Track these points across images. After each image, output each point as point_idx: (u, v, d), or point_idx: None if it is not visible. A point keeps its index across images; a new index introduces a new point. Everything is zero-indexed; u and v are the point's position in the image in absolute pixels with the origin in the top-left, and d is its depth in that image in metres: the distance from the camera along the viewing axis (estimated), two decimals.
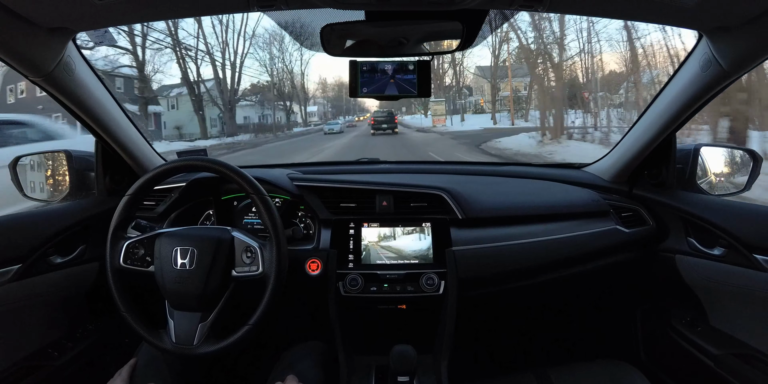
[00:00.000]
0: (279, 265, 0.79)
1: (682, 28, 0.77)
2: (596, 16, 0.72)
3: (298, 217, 1.13)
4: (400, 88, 0.86)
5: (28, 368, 0.91)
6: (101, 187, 1.10)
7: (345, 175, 1.21)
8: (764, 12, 0.65)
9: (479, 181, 1.24)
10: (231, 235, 0.81)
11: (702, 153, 1.08)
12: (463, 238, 1.02)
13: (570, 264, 1.07)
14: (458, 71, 25.52)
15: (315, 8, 0.68)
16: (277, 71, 25.13)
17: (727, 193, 1.07)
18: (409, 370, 0.84)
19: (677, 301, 1.10)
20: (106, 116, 0.98)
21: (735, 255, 0.90)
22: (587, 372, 0.91)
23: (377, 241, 1.03)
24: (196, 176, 1.07)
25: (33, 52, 0.73)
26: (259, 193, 0.82)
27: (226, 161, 0.85)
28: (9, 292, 0.87)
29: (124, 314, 0.80)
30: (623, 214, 1.13)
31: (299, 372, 0.85)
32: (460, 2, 0.64)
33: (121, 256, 0.81)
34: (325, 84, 40.82)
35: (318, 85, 42.56)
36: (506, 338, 1.40)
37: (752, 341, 0.88)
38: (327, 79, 44.26)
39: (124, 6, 0.65)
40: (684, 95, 0.91)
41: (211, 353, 0.77)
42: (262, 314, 0.78)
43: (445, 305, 1.00)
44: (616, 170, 1.19)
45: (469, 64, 27.25)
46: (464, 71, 26.16)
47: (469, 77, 27.19)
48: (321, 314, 1.04)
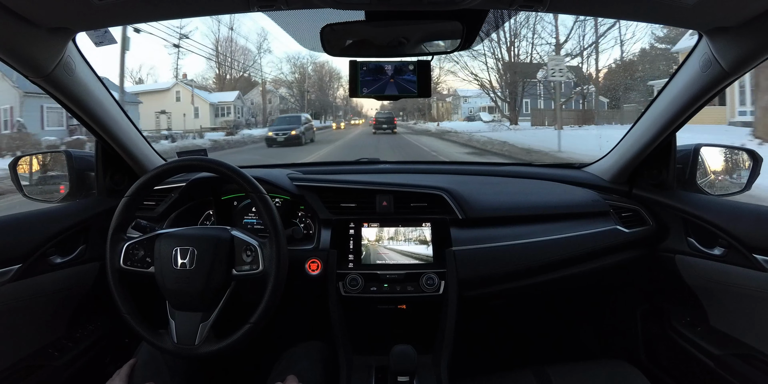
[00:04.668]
0: (279, 263, 0.79)
1: (682, 28, 0.77)
2: (596, 16, 0.72)
3: (298, 217, 1.13)
4: (400, 88, 0.86)
5: (28, 368, 0.91)
6: (101, 187, 1.10)
7: (345, 175, 1.21)
8: (764, 12, 0.65)
9: (479, 181, 1.24)
10: (230, 234, 0.81)
11: (702, 153, 1.08)
12: (463, 238, 1.02)
13: (570, 264, 1.07)
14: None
15: (315, 8, 0.68)
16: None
17: (727, 193, 1.07)
18: (409, 370, 0.83)
19: (677, 301, 1.10)
20: (105, 116, 0.98)
21: (735, 255, 0.90)
22: (587, 372, 0.91)
23: (377, 241, 1.03)
24: (196, 176, 1.07)
25: (33, 52, 0.73)
26: (258, 192, 0.82)
27: (226, 161, 0.85)
28: (9, 292, 0.87)
29: (125, 315, 0.80)
30: (623, 214, 1.13)
31: (299, 372, 0.85)
32: (460, 2, 0.64)
33: (121, 257, 0.81)
34: (296, 65, 30.77)
35: (283, 64, 34.36)
36: (506, 338, 1.40)
37: (752, 341, 0.88)
38: (302, 58, 30.94)
39: (124, 6, 0.65)
40: (684, 95, 0.91)
41: (213, 353, 0.77)
42: (263, 313, 0.78)
43: (445, 305, 1.00)
44: (616, 170, 1.19)
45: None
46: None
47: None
48: (321, 314, 1.04)
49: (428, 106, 30.60)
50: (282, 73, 32.51)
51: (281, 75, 31.88)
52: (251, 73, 30.53)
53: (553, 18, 17.52)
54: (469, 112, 28.77)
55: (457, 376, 0.98)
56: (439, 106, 31.68)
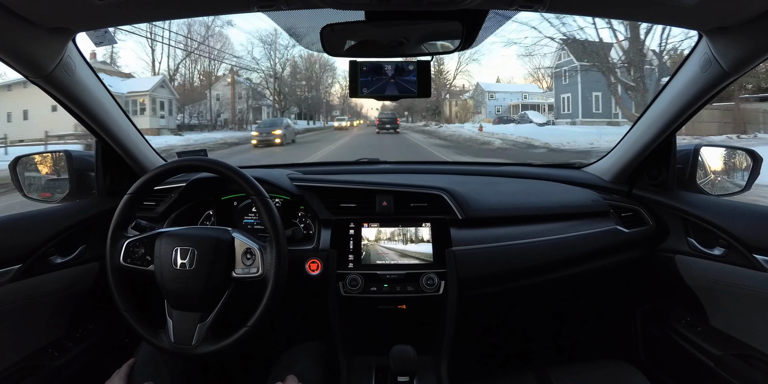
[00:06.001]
0: (279, 268, 0.79)
1: (682, 28, 0.77)
2: (596, 16, 0.72)
3: (298, 217, 1.13)
4: (400, 88, 0.86)
5: (28, 368, 0.91)
6: (101, 187, 1.10)
7: (345, 175, 1.21)
8: (764, 12, 0.65)
9: (479, 181, 1.24)
10: (231, 235, 0.81)
11: (702, 153, 1.08)
12: (463, 238, 1.02)
13: (570, 264, 1.07)
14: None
15: (315, 8, 0.68)
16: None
17: (727, 193, 1.07)
18: (409, 370, 0.83)
19: (677, 302, 1.10)
20: (105, 116, 0.98)
21: (735, 255, 0.90)
22: (587, 372, 0.91)
23: (377, 241, 1.03)
24: (196, 176, 1.07)
25: (33, 53, 0.73)
26: (259, 194, 0.82)
27: (226, 161, 0.85)
28: (9, 292, 0.87)
29: (123, 312, 0.80)
30: (623, 214, 1.13)
31: (299, 372, 0.85)
32: (460, 2, 0.64)
33: (121, 254, 0.81)
34: (267, 43, 23.32)
35: (255, 48, 24.00)
36: (506, 338, 1.40)
37: (752, 341, 0.88)
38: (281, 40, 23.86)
39: (124, 6, 0.65)
40: (684, 95, 0.91)
41: (210, 353, 0.77)
42: (261, 316, 0.78)
43: (445, 305, 1.00)
44: (616, 170, 1.19)
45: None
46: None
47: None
48: (321, 314, 1.04)
49: (443, 104, 25.89)
50: (253, 58, 23.82)
51: (250, 60, 24.51)
52: (213, 57, 23.05)
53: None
54: (497, 111, 22.71)
55: (457, 377, 0.98)
56: (452, 104, 26.64)
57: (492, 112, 23.13)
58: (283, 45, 24.07)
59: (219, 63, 23.34)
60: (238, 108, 22.69)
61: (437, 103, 26.10)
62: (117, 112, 1.02)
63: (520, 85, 23.75)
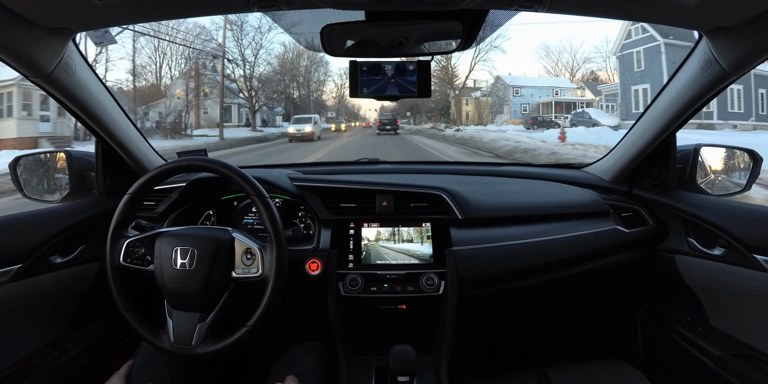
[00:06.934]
0: (279, 268, 0.79)
1: (682, 28, 0.77)
2: (596, 16, 0.72)
3: (298, 217, 1.13)
4: (400, 88, 0.86)
5: (28, 368, 0.91)
6: (101, 187, 1.10)
7: (345, 175, 1.21)
8: (764, 12, 0.65)
9: (479, 181, 1.24)
10: (231, 235, 0.81)
11: (702, 153, 1.08)
12: (463, 238, 1.02)
13: (570, 264, 1.07)
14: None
15: (315, 8, 0.68)
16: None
17: (727, 193, 1.07)
18: (409, 370, 0.83)
19: (677, 302, 1.10)
20: (105, 116, 0.98)
21: (735, 255, 0.90)
22: (587, 372, 0.91)
23: (377, 241, 1.03)
24: (196, 176, 1.07)
25: (33, 52, 0.73)
26: (260, 194, 0.82)
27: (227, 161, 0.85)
28: (9, 292, 0.87)
29: (123, 312, 0.80)
30: (623, 214, 1.13)
31: (299, 372, 0.85)
32: (460, 2, 0.64)
33: (121, 254, 0.81)
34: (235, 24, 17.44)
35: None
36: (506, 338, 1.40)
37: (752, 341, 0.88)
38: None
39: (124, 6, 0.65)
40: (684, 95, 0.91)
41: (209, 354, 0.77)
42: (260, 316, 0.78)
43: (445, 305, 1.00)
44: (616, 170, 1.19)
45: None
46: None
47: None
48: (321, 314, 1.04)
49: (453, 103, 21.44)
50: (218, 44, 18.01)
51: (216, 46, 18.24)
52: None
53: None
54: (524, 110, 16.83)
55: (457, 377, 0.98)
56: (462, 103, 21.53)
57: (518, 112, 17.74)
58: (254, 26, 18.76)
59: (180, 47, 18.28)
60: (178, 109, 17.82)
61: (445, 102, 22.69)
62: (117, 112, 1.02)
63: (549, 79, 18.46)
